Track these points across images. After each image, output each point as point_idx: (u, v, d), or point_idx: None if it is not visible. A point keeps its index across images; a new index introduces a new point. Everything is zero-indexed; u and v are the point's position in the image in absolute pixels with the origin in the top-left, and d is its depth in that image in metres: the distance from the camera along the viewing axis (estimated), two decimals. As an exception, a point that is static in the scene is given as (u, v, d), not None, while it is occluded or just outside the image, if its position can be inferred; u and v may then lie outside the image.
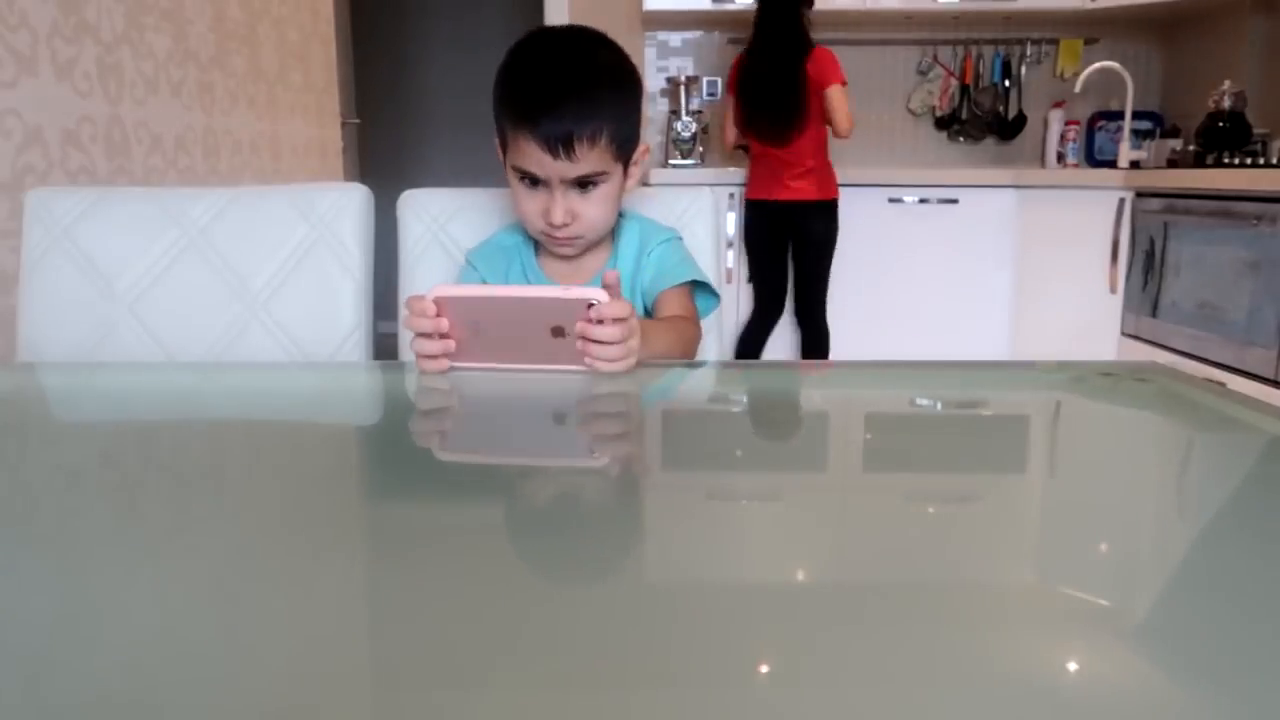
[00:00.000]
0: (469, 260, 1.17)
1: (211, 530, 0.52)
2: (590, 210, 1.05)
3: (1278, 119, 2.91)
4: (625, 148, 1.06)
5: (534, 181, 1.03)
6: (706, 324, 1.18)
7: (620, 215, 1.14)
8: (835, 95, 2.83)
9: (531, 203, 1.05)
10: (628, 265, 1.13)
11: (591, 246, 1.11)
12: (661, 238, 1.15)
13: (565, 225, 1.04)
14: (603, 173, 1.03)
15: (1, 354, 1.59)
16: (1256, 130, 2.83)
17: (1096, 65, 3.24)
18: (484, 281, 1.13)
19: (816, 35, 3.70)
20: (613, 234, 1.14)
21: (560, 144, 0.98)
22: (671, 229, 1.17)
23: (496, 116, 1.04)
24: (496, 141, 1.08)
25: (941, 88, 3.64)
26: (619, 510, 0.58)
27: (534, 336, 0.81)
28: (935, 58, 3.62)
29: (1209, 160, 2.82)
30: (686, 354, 1.03)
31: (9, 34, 1.61)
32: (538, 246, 1.14)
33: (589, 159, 1.01)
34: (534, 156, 1.00)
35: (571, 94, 0.99)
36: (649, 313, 1.12)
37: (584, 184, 1.03)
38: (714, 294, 1.15)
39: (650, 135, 3.63)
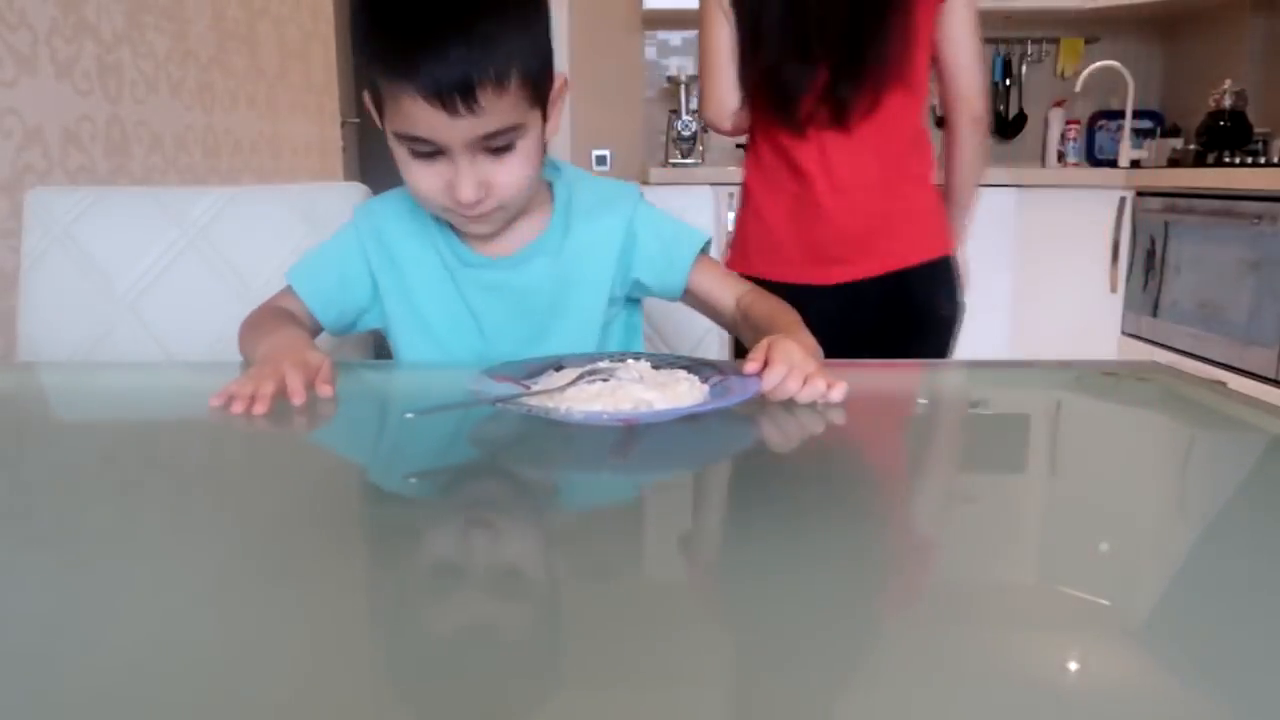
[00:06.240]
0: (354, 223, 0.96)
1: (211, 530, 0.52)
2: (507, 177, 0.82)
3: (1278, 118, 2.90)
4: (541, 87, 0.81)
5: (428, 152, 0.80)
6: (708, 326, 1.17)
7: (546, 164, 0.92)
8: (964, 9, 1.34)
9: (429, 178, 0.81)
10: (589, 232, 0.94)
11: (520, 214, 0.91)
12: (630, 198, 0.96)
13: (478, 201, 0.81)
14: (517, 126, 0.79)
15: (1, 353, 1.59)
16: (1257, 129, 2.83)
17: (1097, 64, 3.23)
18: (366, 258, 0.94)
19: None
20: (549, 188, 0.95)
21: (458, 96, 0.74)
22: (622, 182, 1.00)
23: (359, 67, 0.80)
24: (368, 98, 0.83)
25: (942, 87, 3.63)
26: (619, 510, 0.58)
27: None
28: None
29: (1210, 159, 2.82)
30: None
31: (9, 33, 1.61)
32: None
33: (497, 111, 0.76)
34: (423, 118, 0.75)
35: (460, 28, 0.74)
36: (694, 302, 1.00)
37: (495, 147, 0.80)
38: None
39: (651, 134, 3.63)
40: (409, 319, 0.95)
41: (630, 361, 0.77)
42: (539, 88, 0.81)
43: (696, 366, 0.78)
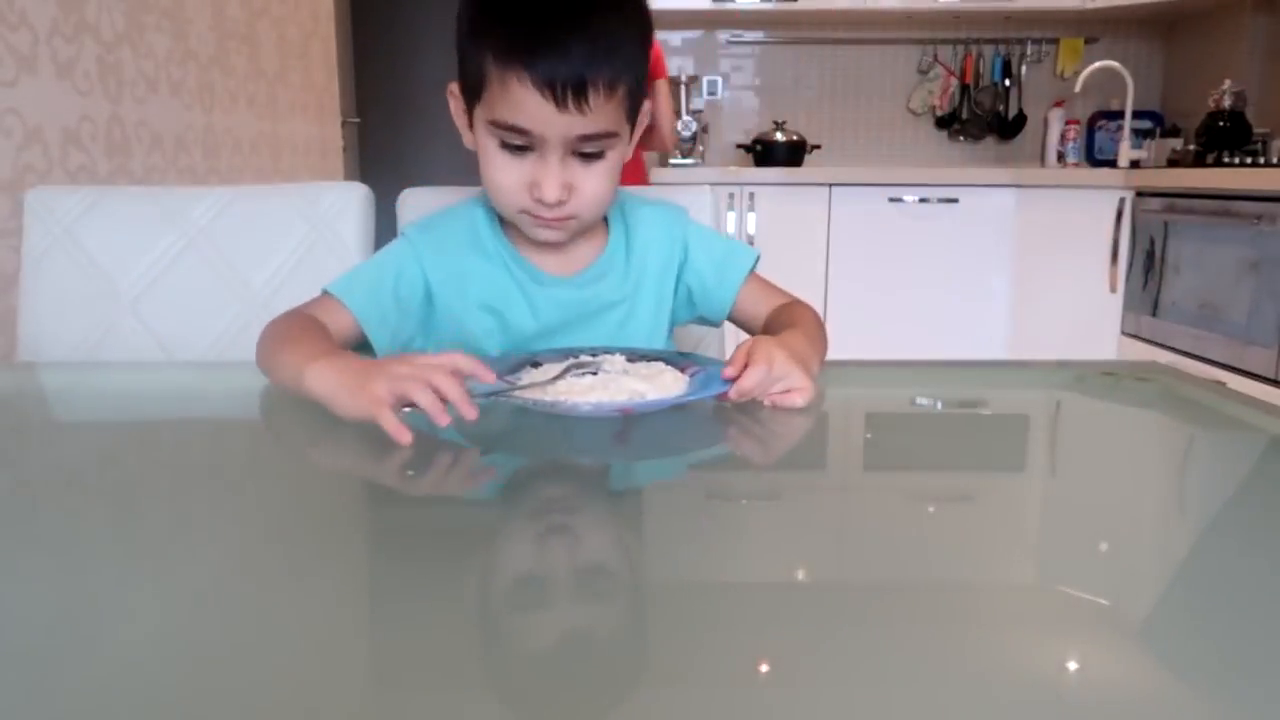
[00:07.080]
0: (408, 238, 0.92)
1: (211, 530, 0.52)
2: (592, 185, 0.82)
3: (1278, 118, 2.90)
4: (636, 106, 0.84)
5: (519, 146, 0.80)
6: (706, 330, 1.17)
7: None
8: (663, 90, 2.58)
9: (513, 172, 0.81)
10: (650, 250, 0.95)
11: (583, 231, 0.91)
12: (681, 216, 0.98)
13: (560, 203, 0.82)
14: (613, 135, 0.81)
15: (2, 353, 1.59)
16: (1256, 130, 2.83)
17: (1096, 65, 3.24)
18: (424, 275, 0.91)
19: (815, 34, 3.68)
20: None
21: (570, 91, 0.75)
22: (669, 202, 1.01)
23: (466, 53, 0.80)
24: (455, 88, 0.85)
25: (942, 87, 3.63)
26: (618, 510, 0.58)
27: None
28: (935, 57, 3.61)
29: (1209, 160, 2.82)
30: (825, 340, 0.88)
31: (9, 33, 1.61)
32: (504, 224, 0.92)
33: (603, 114, 0.78)
34: (530, 108, 0.76)
35: (584, 26, 0.76)
36: (736, 320, 0.99)
37: (587, 152, 0.81)
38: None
39: (650, 134, 3.63)
40: (474, 333, 0.92)
41: (609, 356, 0.79)
42: (634, 106, 0.83)
43: (671, 358, 0.80)
